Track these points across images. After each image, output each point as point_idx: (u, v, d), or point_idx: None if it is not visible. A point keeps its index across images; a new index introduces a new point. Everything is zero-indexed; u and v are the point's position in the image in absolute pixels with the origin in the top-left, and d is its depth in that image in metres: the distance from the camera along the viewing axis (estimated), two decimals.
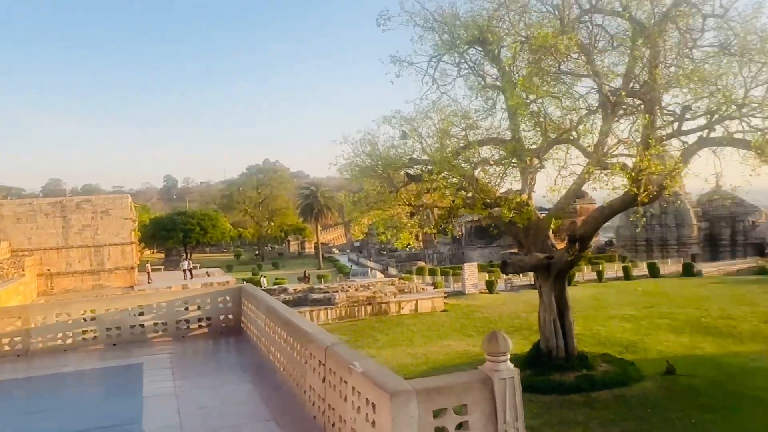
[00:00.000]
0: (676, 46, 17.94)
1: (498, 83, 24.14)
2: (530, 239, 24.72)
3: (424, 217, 27.35)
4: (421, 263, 71.69)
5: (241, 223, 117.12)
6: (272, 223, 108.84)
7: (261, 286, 55.24)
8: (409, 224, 25.46)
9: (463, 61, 25.43)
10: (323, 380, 7.90)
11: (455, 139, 23.00)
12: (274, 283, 56.02)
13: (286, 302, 39.19)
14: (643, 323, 33.83)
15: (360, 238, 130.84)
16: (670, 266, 57.88)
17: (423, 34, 24.89)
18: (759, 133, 19.74)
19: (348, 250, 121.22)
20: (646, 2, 17.51)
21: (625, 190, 20.39)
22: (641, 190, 19.64)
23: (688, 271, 54.62)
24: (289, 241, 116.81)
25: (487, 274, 54.17)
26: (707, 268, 56.22)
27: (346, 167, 24.44)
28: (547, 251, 24.38)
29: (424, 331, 34.86)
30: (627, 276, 52.91)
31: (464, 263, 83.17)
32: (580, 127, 19.28)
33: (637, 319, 34.89)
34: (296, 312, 11.50)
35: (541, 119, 19.59)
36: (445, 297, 43.54)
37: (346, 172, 25.84)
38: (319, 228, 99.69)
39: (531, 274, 53.88)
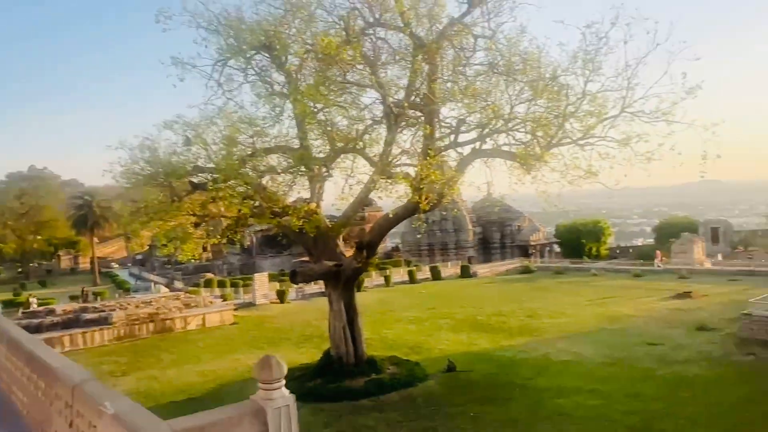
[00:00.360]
0: (451, 63, 19.10)
1: (285, 90, 23.82)
2: (319, 248, 24.70)
3: (211, 228, 26.11)
4: (210, 275, 68.97)
5: (0, 237, 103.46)
6: (38, 237, 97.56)
7: (30, 308, 48.93)
8: (195, 235, 24.08)
9: (249, 66, 24.71)
10: (70, 425, 6.72)
11: (242, 147, 22.19)
12: (39, 304, 50.05)
13: (53, 325, 35.14)
14: (427, 324, 35.71)
15: (142, 251, 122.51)
16: (450, 269, 62.16)
17: (207, 37, 23.75)
18: (522, 145, 21.76)
19: (129, 264, 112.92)
20: (425, 20, 18.39)
21: (408, 198, 21.18)
22: (423, 198, 20.51)
23: (465, 273, 59.11)
24: (59, 256, 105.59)
25: (278, 284, 53.70)
26: (481, 269, 61.36)
27: (124, 175, 22.40)
28: (336, 259, 24.53)
29: (213, 346, 33.33)
30: (412, 280, 55.76)
31: (255, 273, 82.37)
32: (366, 137, 19.67)
33: (421, 321, 36.74)
34: (42, 343, 9.87)
35: (329, 128, 19.64)
36: (235, 309, 42.20)
37: (123, 180, 23.72)
38: (96, 241, 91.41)
39: (322, 282, 54.71)
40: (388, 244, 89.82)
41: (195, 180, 24.42)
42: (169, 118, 23.84)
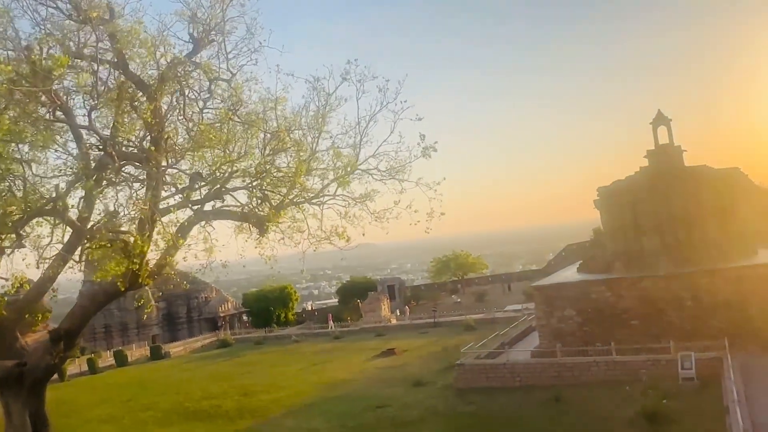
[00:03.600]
0: (180, 108, 16.12)
1: None
2: None
3: None
4: None
5: None
6: None
7: None
8: None
9: None
10: None
11: None
12: None
13: None
14: (126, 421, 30.17)
15: None
16: (136, 351, 55.25)
17: None
18: (252, 206, 19.60)
19: None
20: (149, 57, 15.21)
21: (112, 272, 17.20)
22: (143, 270, 16.81)
23: (156, 354, 53.00)
24: None
25: None
26: (174, 348, 55.83)
27: None
28: (15, 356, 18.71)
29: None
30: (93, 369, 47.64)
31: None
32: (69, 196, 15.34)
33: (117, 419, 30.93)
34: None
35: (21, 182, 14.84)
36: None
37: None
38: None
39: None
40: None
41: None
42: None
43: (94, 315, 19.84)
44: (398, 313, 67.49)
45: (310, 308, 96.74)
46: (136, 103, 16.17)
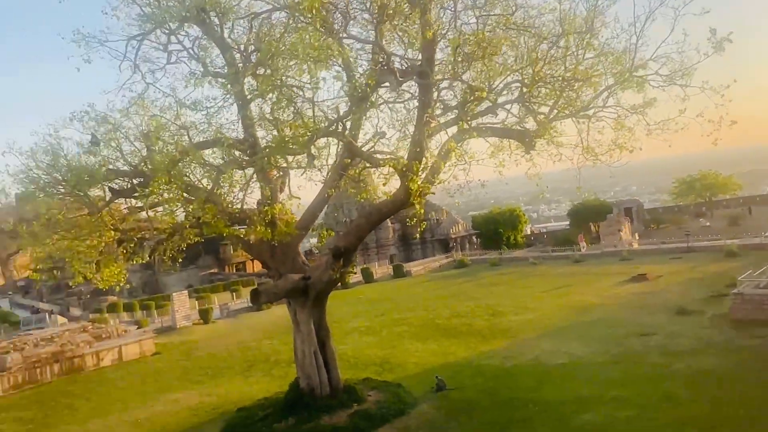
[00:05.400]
0: (454, 18, 15.41)
1: (224, 69, 19.33)
2: (278, 259, 20.33)
3: (133, 245, 21.02)
4: (113, 298, 61.40)
5: None
6: None
7: None
8: (121, 255, 19.12)
9: (176, 41, 19.97)
10: None
11: (182, 140, 17.53)
12: None
13: None
14: (384, 334, 31.94)
15: (24, 276, 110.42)
16: (380, 269, 58.60)
17: (118, 6, 18.80)
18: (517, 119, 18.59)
19: (10, 292, 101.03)
20: None
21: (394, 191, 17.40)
22: (415, 188, 16.81)
23: (398, 273, 55.77)
24: None
25: (197, 302, 48.10)
26: (414, 267, 58.20)
27: (25, 183, 17.18)
28: (298, 270, 20.27)
29: (138, 385, 27.92)
30: (344, 284, 51.49)
31: (161, 292, 75.01)
32: (349, 117, 15.61)
33: (375, 331, 32.90)
34: None
35: (304, 107, 15.43)
36: (155, 336, 36.48)
37: (18, 190, 18.39)
38: None
39: (247, 294, 49.47)
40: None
41: (115, 186, 19.42)
42: (78, 109, 18.81)
43: (369, 233, 20.64)
44: (637, 237, 63.14)
45: (530, 231, 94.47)
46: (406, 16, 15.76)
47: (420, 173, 16.91)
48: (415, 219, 19.62)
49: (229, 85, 16.61)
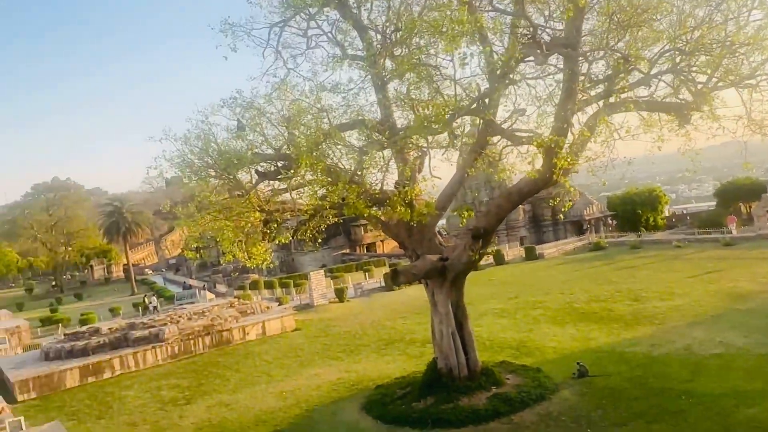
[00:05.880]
0: None
1: (360, 52, 19.55)
2: (415, 239, 20.39)
3: (275, 225, 21.91)
4: (255, 276, 64.94)
5: (31, 251, 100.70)
6: (70, 248, 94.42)
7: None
8: (267, 235, 20.00)
9: (313, 27, 20.47)
10: None
11: (323, 123, 17.95)
12: (80, 321, 46.56)
13: (100, 346, 31.32)
14: (519, 317, 31.31)
15: (175, 255, 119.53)
16: (510, 251, 57.53)
17: None
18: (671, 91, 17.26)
19: (163, 269, 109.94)
20: None
21: (536, 170, 16.78)
22: (558, 166, 16.11)
23: (530, 255, 54.50)
24: (92, 266, 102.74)
25: (331, 281, 49.67)
26: (546, 249, 56.61)
27: (181, 167, 18.34)
28: (435, 251, 20.22)
29: (281, 359, 29.28)
30: (476, 267, 51.09)
31: (297, 271, 78.27)
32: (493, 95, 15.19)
33: (510, 313, 32.35)
34: None
35: (446, 84, 15.23)
36: (295, 313, 38.12)
37: (174, 174, 19.68)
38: (128, 248, 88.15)
39: (380, 276, 50.31)
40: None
41: (260, 168, 20.31)
42: (226, 96, 19.85)
43: (509, 213, 20.19)
44: None
45: (669, 213, 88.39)
46: None
47: (563, 149, 16.22)
48: (558, 199, 18.80)
49: (367, 67, 16.72)
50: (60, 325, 47.40)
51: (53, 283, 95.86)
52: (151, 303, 49.09)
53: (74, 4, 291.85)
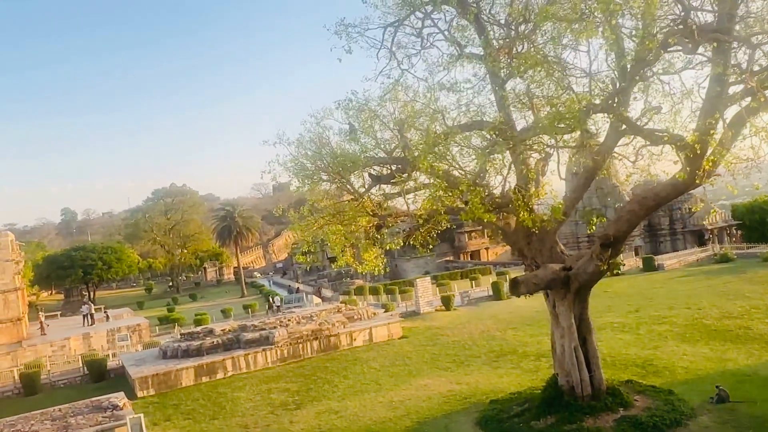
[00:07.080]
0: None
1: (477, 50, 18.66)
2: (534, 247, 19.21)
3: (388, 231, 21.41)
4: (360, 282, 65.22)
5: (151, 252, 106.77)
6: (185, 251, 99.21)
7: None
8: (378, 240, 19.52)
9: (430, 24, 19.81)
10: None
11: (437, 125, 17.25)
12: (195, 321, 48.35)
13: (214, 346, 32.09)
14: (642, 332, 29.13)
15: (281, 259, 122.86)
16: (626, 261, 54.34)
17: None
18: None
19: (270, 273, 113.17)
20: None
21: (678, 174, 15.20)
22: (701, 171, 14.51)
23: (648, 266, 51.25)
24: (205, 268, 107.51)
25: (437, 288, 48.81)
26: (667, 260, 53.06)
27: (295, 170, 18.19)
28: (556, 259, 18.96)
29: (389, 367, 28.73)
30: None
31: (400, 277, 78.07)
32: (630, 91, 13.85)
33: (631, 328, 30.18)
34: None
35: (574, 80, 14.09)
36: (401, 320, 37.57)
37: (290, 176, 19.60)
38: (239, 251, 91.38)
39: (487, 284, 48.91)
40: None
41: (374, 172, 19.88)
42: (341, 98, 19.56)
43: (642, 220, 18.60)
44: None
45: None
46: None
47: (708, 150, 14.60)
48: (690, 207, 17.05)
49: (489, 64, 15.82)
50: (176, 324, 49.49)
51: (170, 283, 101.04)
52: (275, 302, 51.93)
53: (192, 11, 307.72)
